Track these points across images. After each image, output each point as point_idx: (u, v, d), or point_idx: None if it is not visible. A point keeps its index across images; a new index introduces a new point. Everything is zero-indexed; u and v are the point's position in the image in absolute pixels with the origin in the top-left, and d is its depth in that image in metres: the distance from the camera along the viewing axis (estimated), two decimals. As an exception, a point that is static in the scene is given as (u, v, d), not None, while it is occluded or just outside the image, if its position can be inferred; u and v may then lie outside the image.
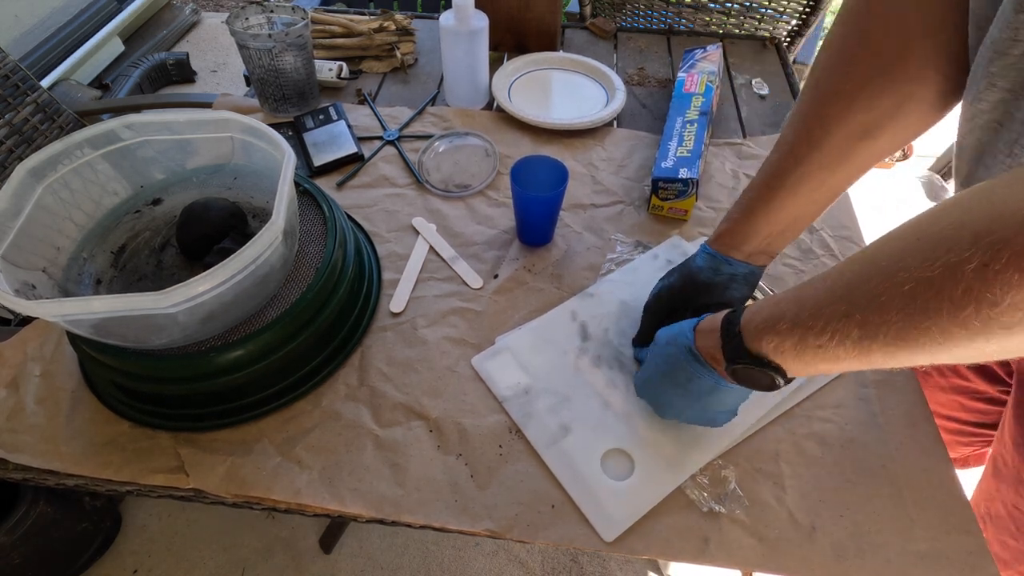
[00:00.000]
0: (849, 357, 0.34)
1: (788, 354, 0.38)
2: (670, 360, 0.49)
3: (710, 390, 0.47)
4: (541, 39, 0.99)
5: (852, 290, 0.33)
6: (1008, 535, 0.56)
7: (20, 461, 0.54)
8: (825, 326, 0.34)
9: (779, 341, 0.38)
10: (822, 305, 0.35)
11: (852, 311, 0.33)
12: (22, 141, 0.92)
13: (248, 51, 0.80)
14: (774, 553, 0.49)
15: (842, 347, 0.34)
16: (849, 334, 0.33)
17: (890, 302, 0.31)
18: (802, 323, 0.36)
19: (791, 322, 0.37)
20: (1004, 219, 0.26)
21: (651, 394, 0.53)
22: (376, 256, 0.70)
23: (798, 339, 0.37)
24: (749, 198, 0.52)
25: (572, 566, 1.12)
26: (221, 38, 2.51)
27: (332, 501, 0.51)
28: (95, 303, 0.42)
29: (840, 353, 0.34)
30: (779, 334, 0.38)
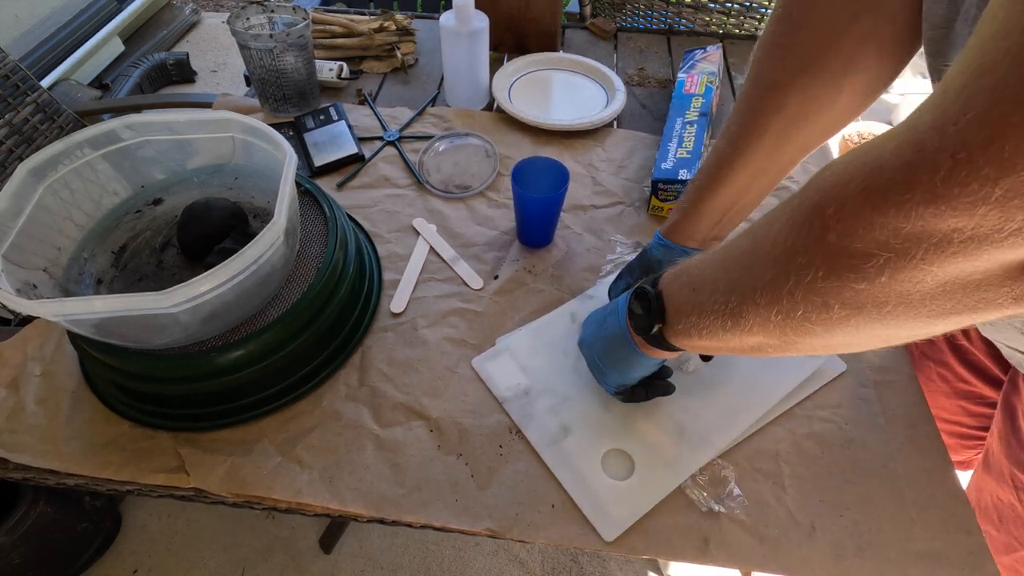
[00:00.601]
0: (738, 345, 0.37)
1: (691, 345, 0.42)
2: (603, 322, 0.52)
3: (632, 360, 0.50)
4: (541, 39, 0.99)
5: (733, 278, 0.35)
6: (991, 525, 0.57)
7: (20, 461, 0.54)
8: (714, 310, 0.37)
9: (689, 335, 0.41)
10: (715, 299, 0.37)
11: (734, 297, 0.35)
12: (22, 141, 0.92)
13: (249, 51, 0.80)
14: (774, 553, 0.49)
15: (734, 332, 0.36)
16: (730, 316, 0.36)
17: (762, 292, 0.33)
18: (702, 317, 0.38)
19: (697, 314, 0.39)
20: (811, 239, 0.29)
21: (593, 355, 0.54)
22: (376, 256, 0.70)
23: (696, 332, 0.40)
24: (696, 187, 0.53)
25: (572, 566, 1.12)
26: (221, 38, 2.51)
27: (332, 501, 0.51)
28: (96, 303, 0.42)
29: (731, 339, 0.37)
30: (689, 329, 0.40)
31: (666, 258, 0.56)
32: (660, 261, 0.56)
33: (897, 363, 0.61)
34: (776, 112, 0.47)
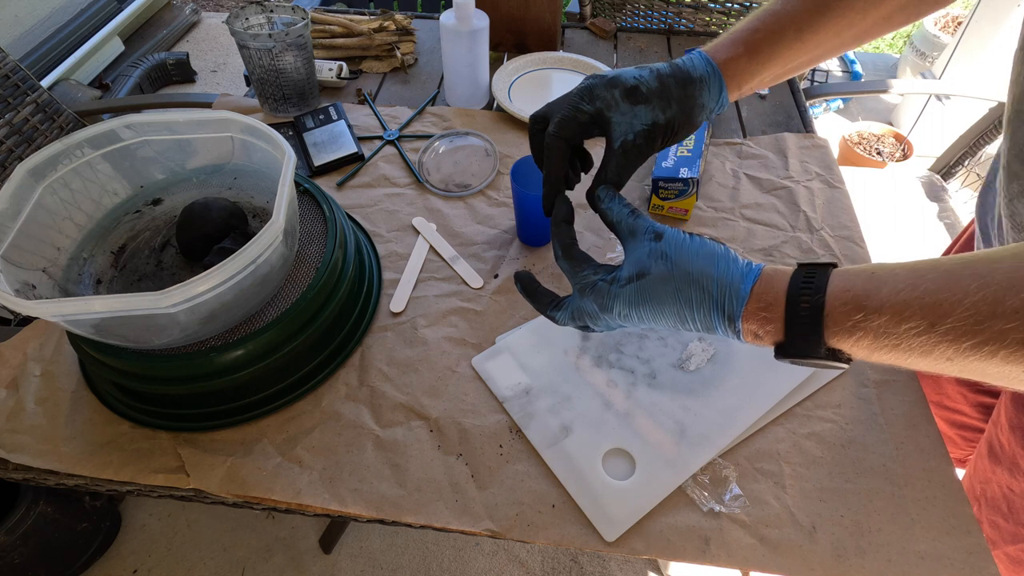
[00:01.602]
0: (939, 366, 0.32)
1: (865, 349, 0.33)
2: (690, 303, 0.38)
3: (708, 336, 0.41)
4: (541, 39, 0.99)
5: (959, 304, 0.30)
6: (1000, 516, 0.56)
7: (20, 461, 0.54)
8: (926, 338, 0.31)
9: (871, 339, 0.33)
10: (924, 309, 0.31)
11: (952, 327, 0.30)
12: (22, 141, 0.92)
13: (248, 51, 0.80)
14: (774, 553, 0.49)
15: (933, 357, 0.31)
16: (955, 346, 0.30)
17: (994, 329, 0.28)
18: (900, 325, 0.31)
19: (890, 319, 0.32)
20: None
21: (634, 315, 0.40)
22: (376, 256, 0.70)
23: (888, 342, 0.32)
24: (779, 22, 0.45)
25: (572, 566, 1.12)
26: (221, 38, 2.51)
27: (332, 501, 0.51)
28: (95, 303, 0.42)
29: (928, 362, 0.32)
30: (870, 331, 0.32)
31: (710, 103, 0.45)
32: (703, 104, 0.45)
33: (898, 363, 0.61)
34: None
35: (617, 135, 0.44)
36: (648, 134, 0.44)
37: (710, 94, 0.45)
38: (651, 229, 0.41)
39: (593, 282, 0.41)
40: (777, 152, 0.85)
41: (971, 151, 1.22)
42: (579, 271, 0.42)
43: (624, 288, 0.39)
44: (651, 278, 0.39)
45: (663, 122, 0.44)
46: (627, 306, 0.39)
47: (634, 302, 0.39)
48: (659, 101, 0.44)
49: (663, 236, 0.40)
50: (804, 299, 0.35)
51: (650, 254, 0.39)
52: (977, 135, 1.18)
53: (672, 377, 0.59)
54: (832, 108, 2.19)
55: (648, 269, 0.39)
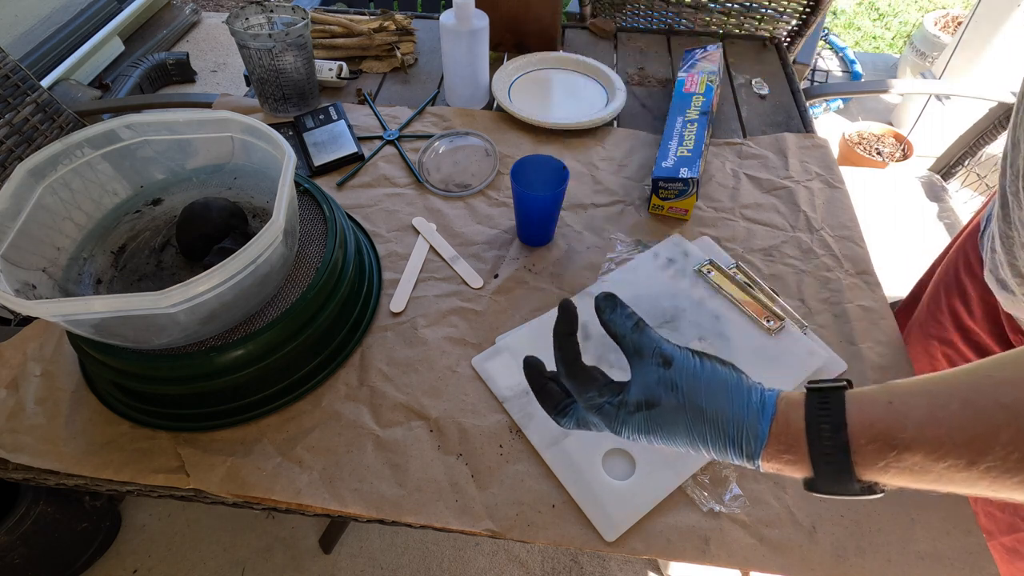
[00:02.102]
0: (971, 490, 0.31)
1: (903, 483, 0.32)
2: (703, 437, 0.37)
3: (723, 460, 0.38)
4: (541, 39, 0.99)
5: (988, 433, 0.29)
6: (995, 507, 0.57)
7: (20, 461, 0.54)
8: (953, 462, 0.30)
9: (907, 477, 0.31)
10: (959, 448, 0.30)
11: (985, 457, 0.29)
12: (22, 141, 0.92)
13: (248, 51, 0.80)
14: (774, 553, 0.48)
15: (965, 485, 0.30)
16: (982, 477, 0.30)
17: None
18: (937, 463, 0.30)
19: (923, 458, 0.31)
20: None
21: (643, 440, 0.39)
22: (376, 256, 0.70)
23: (928, 478, 0.31)
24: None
25: (572, 566, 1.12)
26: (221, 38, 2.51)
27: (332, 501, 0.51)
28: (95, 303, 0.42)
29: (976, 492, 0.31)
30: (905, 470, 0.31)
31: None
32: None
33: (897, 362, 0.61)
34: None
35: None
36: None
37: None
38: (658, 352, 0.39)
39: (600, 404, 0.40)
40: (777, 152, 0.85)
41: (971, 151, 1.22)
42: (584, 392, 0.41)
43: (633, 416, 0.38)
44: (661, 409, 0.37)
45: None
46: (636, 432, 0.38)
47: (644, 430, 0.38)
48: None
49: (672, 363, 0.38)
50: (826, 436, 0.33)
51: (659, 382, 0.38)
52: (977, 135, 1.18)
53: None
54: (832, 108, 2.19)
55: (658, 399, 0.37)
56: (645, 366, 0.39)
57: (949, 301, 0.67)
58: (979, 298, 0.62)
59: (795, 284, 0.68)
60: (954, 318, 0.65)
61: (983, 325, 0.61)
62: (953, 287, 0.67)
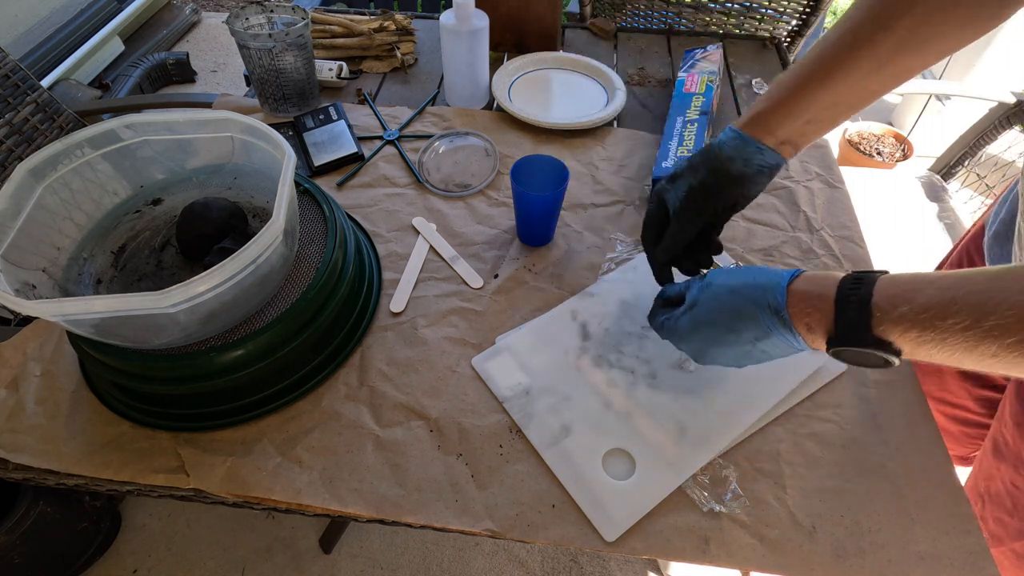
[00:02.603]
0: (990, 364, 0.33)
1: (932, 349, 0.35)
2: (740, 314, 0.44)
3: (777, 349, 0.44)
4: (541, 39, 0.99)
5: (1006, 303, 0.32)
6: (1005, 513, 0.57)
7: (20, 461, 0.54)
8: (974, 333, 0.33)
9: (935, 337, 0.34)
10: (969, 307, 0.33)
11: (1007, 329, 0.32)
12: (22, 141, 0.92)
13: (248, 51, 0.80)
14: (774, 553, 0.49)
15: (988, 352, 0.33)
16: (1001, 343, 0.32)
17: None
18: (983, 328, 0.33)
19: (966, 321, 0.33)
20: None
21: (696, 343, 0.48)
22: (376, 256, 0.70)
23: (968, 342, 0.34)
24: (794, 79, 0.50)
25: (572, 566, 1.12)
26: (221, 38, 2.51)
27: (332, 501, 0.51)
28: (95, 303, 0.42)
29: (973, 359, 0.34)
30: (939, 331, 0.34)
31: (738, 154, 0.51)
32: (731, 158, 0.52)
33: (898, 363, 0.61)
34: (907, 13, 0.44)
35: (670, 205, 0.55)
36: (688, 197, 0.53)
37: (736, 151, 0.52)
38: (698, 278, 0.50)
39: (661, 322, 0.52)
40: (777, 152, 0.84)
41: (971, 151, 1.22)
42: (652, 319, 0.54)
43: (681, 318, 0.49)
44: (700, 303, 0.48)
45: (696, 185, 0.53)
46: (687, 331, 0.49)
47: (690, 326, 0.48)
48: (689, 172, 0.54)
49: (706, 275, 0.49)
50: (852, 291, 0.38)
51: (698, 289, 0.49)
52: (977, 135, 1.18)
53: (672, 377, 0.59)
54: (832, 108, 2.18)
55: (697, 299, 0.48)
56: (691, 289, 0.50)
57: None
58: None
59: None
60: None
61: None
62: None
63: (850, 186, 0.80)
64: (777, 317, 0.42)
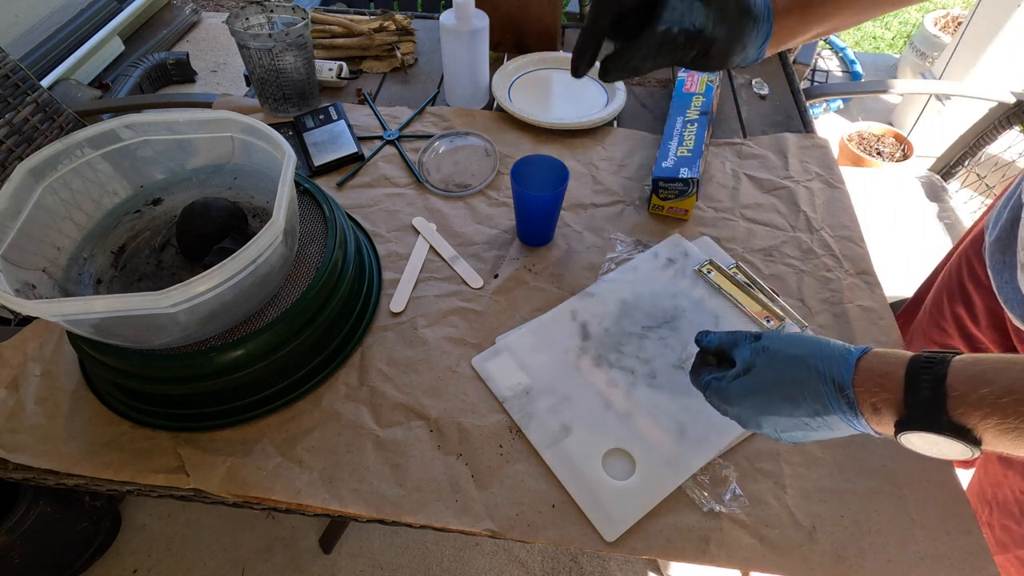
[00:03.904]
0: None
1: (992, 429, 0.32)
2: (800, 385, 0.39)
3: (833, 425, 0.39)
4: (541, 39, 0.99)
5: None
6: (1012, 520, 0.56)
7: (20, 461, 0.54)
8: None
9: (999, 417, 0.31)
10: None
11: None
12: (22, 141, 0.92)
13: (248, 51, 0.80)
14: (774, 553, 0.49)
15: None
16: None
17: None
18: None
19: (1020, 398, 0.31)
20: None
21: (748, 408, 0.43)
22: (376, 256, 0.70)
23: (1016, 423, 0.31)
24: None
25: (572, 566, 1.12)
26: (221, 38, 2.51)
27: (332, 501, 0.51)
28: (95, 303, 0.42)
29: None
30: (999, 408, 0.31)
31: (762, 24, 0.45)
32: (759, 16, 0.45)
33: (898, 363, 0.61)
34: None
35: (665, 20, 0.42)
36: (690, 38, 0.43)
37: (757, 35, 0.45)
38: (750, 335, 0.45)
39: (707, 382, 0.46)
40: (777, 152, 0.85)
41: (971, 151, 1.21)
42: (696, 378, 0.48)
43: (732, 382, 0.43)
44: (757, 369, 0.42)
45: (709, 34, 0.43)
46: (739, 397, 0.43)
47: (744, 392, 0.42)
48: (717, 11, 0.43)
49: (761, 336, 0.44)
50: (925, 369, 0.34)
51: (752, 352, 0.43)
52: (977, 135, 1.18)
53: (672, 377, 0.59)
54: (832, 108, 2.19)
55: (753, 363, 0.43)
56: (741, 349, 0.45)
57: (952, 308, 0.67)
58: (985, 308, 0.62)
59: (795, 284, 0.68)
60: (958, 325, 0.65)
61: (989, 335, 0.61)
62: (956, 294, 0.67)
63: (850, 186, 0.80)
64: (841, 395, 0.37)
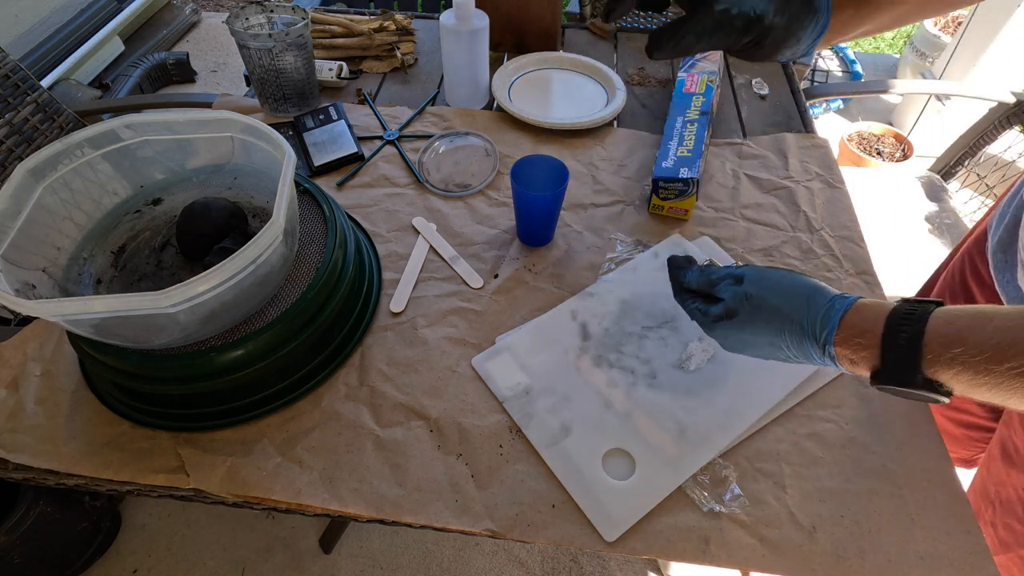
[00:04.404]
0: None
1: (964, 384, 0.34)
2: (782, 335, 0.42)
3: (808, 362, 0.42)
4: (541, 39, 0.99)
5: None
6: (1015, 519, 0.56)
7: (20, 461, 0.54)
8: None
9: (990, 380, 0.33)
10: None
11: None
12: (22, 141, 0.92)
13: (248, 51, 0.80)
14: (774, 553, 0.48)
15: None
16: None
17: None
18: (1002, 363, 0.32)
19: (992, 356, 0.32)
20: None
21: (732, 344, 0.47)
22: (376, 256, 0.70)
23: (988, 379, 0.32)
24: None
25: (572, 566, 1.12)
26: (221, 38, 2.51)
27: (332, 501, 0.51)
28: (95, 303, 0.42)
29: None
30: (993, 375, 0.32)
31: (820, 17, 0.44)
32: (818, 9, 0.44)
33: (898, 363, 0.61)
34: None
35: (724, 0, 0.41)
36: (747, 23, 0.42)
37: (813, 30, 0.44)
38: (731, 276, 0.46)
39: (691, 311, 0.49)
40: (777, 152, 0.85)
41: (971, 151, 1.21)
42: (680, 300, 0.51)
43: (716, 323, 0.46)
44: (740, 318, 0.44)
45: (767, 23, 0.42)
46: (722, 334, 0.46)
47: (727, 333, 0.46)
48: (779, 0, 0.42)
49: (743, 279, 0.45)
50: (904, 327, 0.35)
51: (734, 298, 0.44)
52: (977, 135, 1.18)
53: (672, 377, 0.59)
54: (832, 108, 2.19)
55: (735, 311, 0.44)
56: (722, 290, 0.46)
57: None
58: None
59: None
60: None
61: None
62: (959, 293, 0.67)
63: (850, 186, 0.80)
64: (823, 350, 0.40)
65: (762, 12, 0.42)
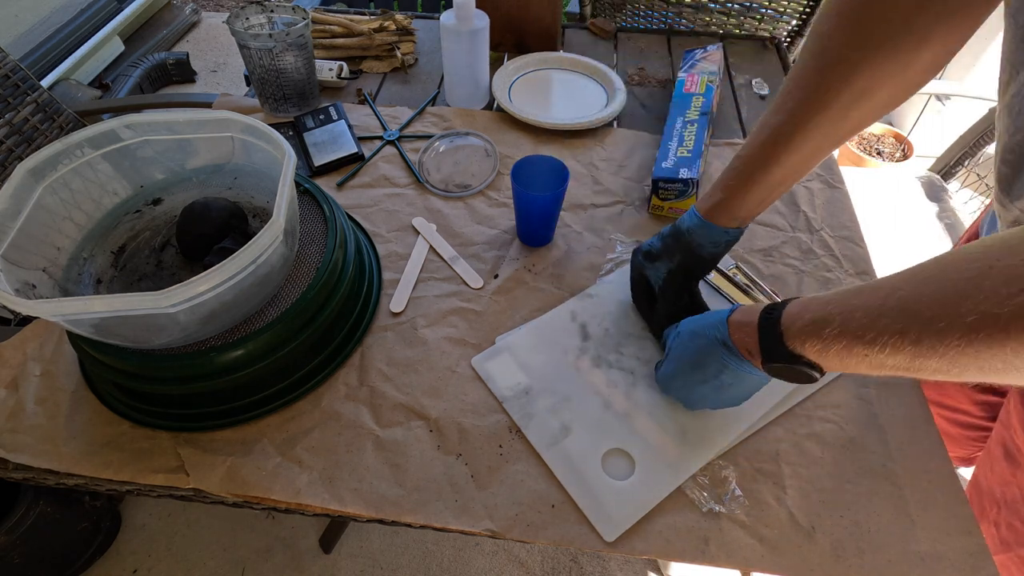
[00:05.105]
0: (896, 368, 0.35)
1: (831, 357, 0.39)
2: (701, 352, 0.50)
3: (740, 379, 0.48)
4: (541, 39, 0.99)
5: (908, 309, 0.33)
6: (1018, 519, 0.56)
7: (20, 461, 0.54)
8: (876, 338, 0.35)
9: (823, 346, 0.38)
10: (874, 317, 0.35)
11: (907, 329, 0.33)
12: (22, 141, 0.92)
13: (248, 51, 0.80)
14: (774, 553, 0.49)
15: (891, 358, 0.34)
16: (901, 349, 0.33)
17: (949, 329, 0.31)
18: (850, 332, 0.36)
19: (839, 329, 0.37)
20: None
21: (678, 387, 0.54)
22: (376, 256, 0.70)
23: (844, 346, 0.37)
24: (745, 165, 0.52)
25: (572, 566, 1.12)
26: (221, 38, 2.51)
27: (332, 501, 0.51)
28: (95, 303, 0.42)
29: (887, 362, 0.35)
30: (823, 339, 0.38)
31: (706, 239, 0.55)
32: (701, 244, 0.56)
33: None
34: (843, 88, 0.45)
35: (653, 284, 0.60)
36: (668, 279, 0.58)
37: (704, 237, 0.55)
38: (676, 324, 0.55)
39: (657, 378, 0.58)
40: (777, 152, 0.84)
41: (971, 151, 1.22)
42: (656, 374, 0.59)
43: (660, 369, 0.57)
44: (672, 351, 0.54)
45: (675, 268, 0.57)
46: (667, 379, 0.55)
47: (668, 373, 0.55)
48: (666, 255, 0.58)
49: (678, 325, 0.54)
50: (769, 314, 0.43)
51: (671, 338, 0.54)
52: (977, 135, 1.18)
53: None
54: (832, 108, 2.18)
55: (670, 347, 0.54)
56: (668, 339, 0.56)
57: None
58: None
59: (795, 284, 0.68)
60: None
61: None
62: None
63: (850, 186, 0.80)
64: (725, 347, 0.47)
65: (667, 270, 0.58)
